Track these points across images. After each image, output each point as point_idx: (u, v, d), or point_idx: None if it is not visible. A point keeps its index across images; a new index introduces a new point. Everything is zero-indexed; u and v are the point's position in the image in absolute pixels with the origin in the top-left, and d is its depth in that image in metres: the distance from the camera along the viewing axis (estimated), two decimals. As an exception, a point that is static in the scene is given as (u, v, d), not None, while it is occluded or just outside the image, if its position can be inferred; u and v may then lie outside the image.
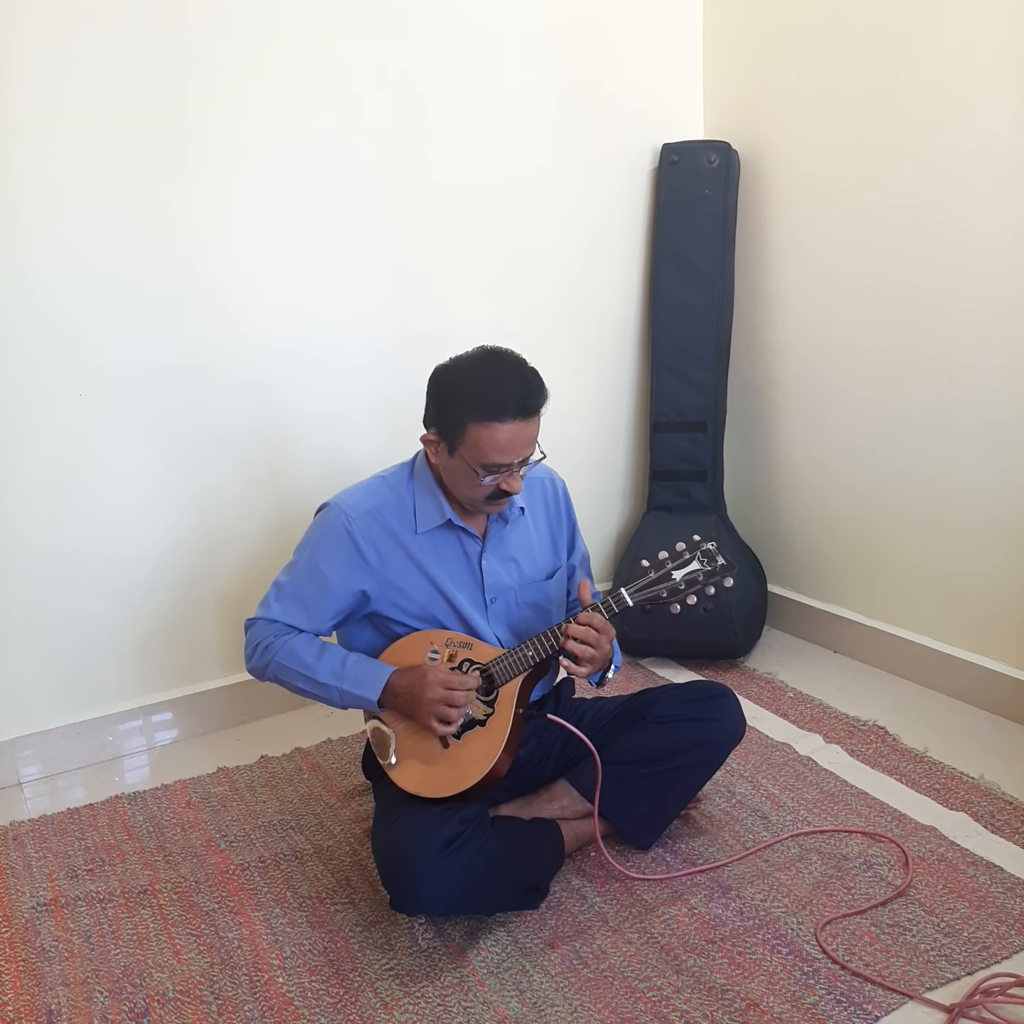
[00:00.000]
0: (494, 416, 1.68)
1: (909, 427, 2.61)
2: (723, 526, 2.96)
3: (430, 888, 1.67)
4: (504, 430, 1.69)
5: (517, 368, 1.75)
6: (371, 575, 1.83)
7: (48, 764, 2.45)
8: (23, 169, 2.20)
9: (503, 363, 1.75)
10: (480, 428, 1.69)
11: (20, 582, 2.37)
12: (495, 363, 1.75)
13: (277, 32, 2.40)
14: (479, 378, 1.72)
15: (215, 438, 2.52)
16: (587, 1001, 1.62)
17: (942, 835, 1.99)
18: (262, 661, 1.84)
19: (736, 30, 2.90)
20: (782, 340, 2.94)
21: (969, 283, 2.40)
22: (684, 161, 2.90)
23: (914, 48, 2.41)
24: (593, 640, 1.77)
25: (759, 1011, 1.57)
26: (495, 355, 1.76)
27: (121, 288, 2.34)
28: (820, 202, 2.74)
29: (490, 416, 1.69)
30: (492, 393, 1.69)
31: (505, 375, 1.73)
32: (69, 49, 2.19)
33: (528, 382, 1.73)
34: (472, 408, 1.70)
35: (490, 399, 1.69)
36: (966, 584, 2.55)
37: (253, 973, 1.73)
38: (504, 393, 1.69)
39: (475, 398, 1.70)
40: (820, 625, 2.96)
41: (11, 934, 1.86)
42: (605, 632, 1.79)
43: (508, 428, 1.69)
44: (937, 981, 1.62)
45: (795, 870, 1.91)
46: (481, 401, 1.69)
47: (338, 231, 2.57)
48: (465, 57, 2.65)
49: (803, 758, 2.31)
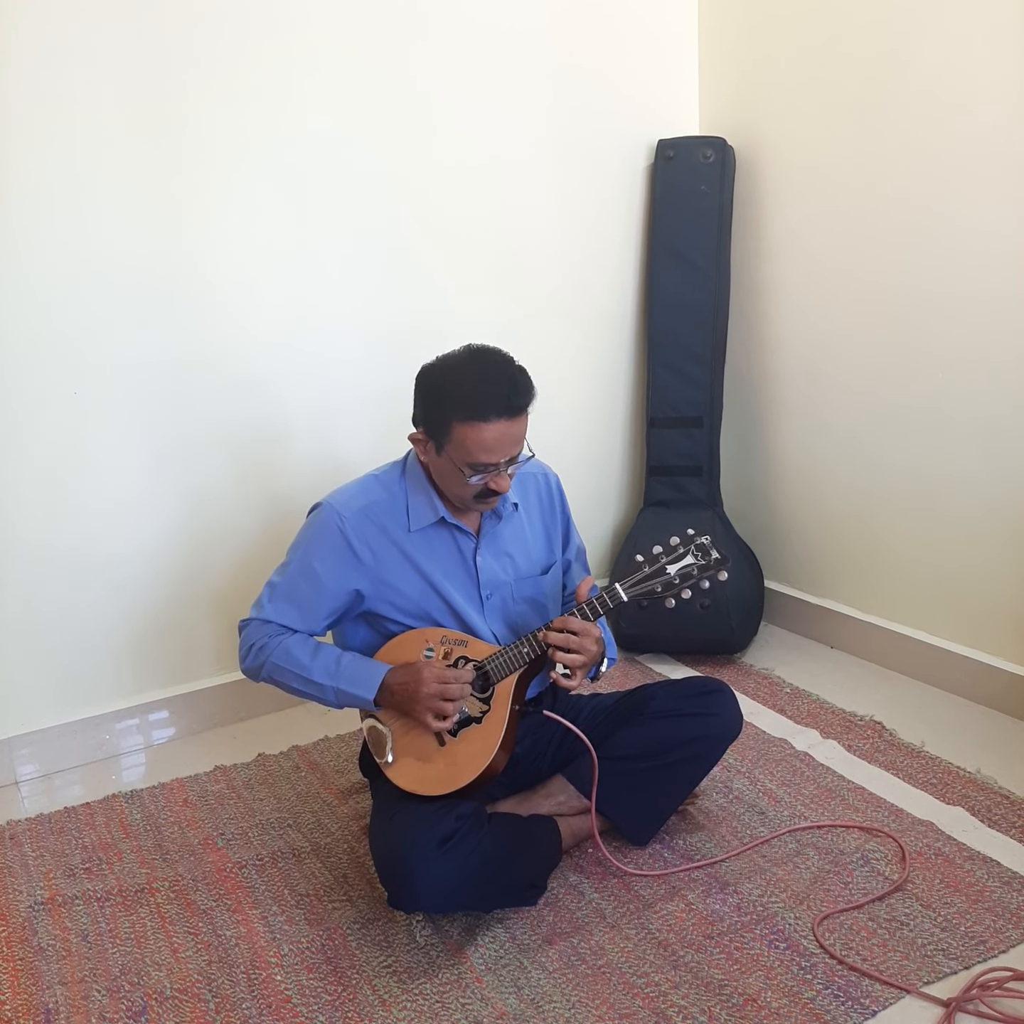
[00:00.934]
0: (480, 415, 1.68)
1: (905, 422, 2.61)
2: (719, 522, 2.96)
3: (427, 885, 1.67)
4: (490, 429, 1.69)
5: (503, 367, 1.74)
6: (365, 574, 1.83)
7: (45, 763, 2.45)
8: (21, 166, 2.19)
9: (489, 362, 1.74)
10: (466, 427, 1.69)
11: (16, 580, 2.36)
12: (481, 362, 1.74)
13: (275, 28, 2.39)
14: (465, 377, 1.72)
15: (210, 435, 2.51)
16: (585, 997, 1.62)
17: (939, 830, 1.99)
18: (256, 662, 1.84)
19: (732, 25, 2.90)
20: (778, 335, 2.94)
21: (967, 277, 2.40)
22: (680, 157, 2.90)
23: (912, 41, 2.40)
24: (576, 646, 1.75)
25: (757, 1006, 1.58)
26: (481, 354, 1.76)
27: (116, 285, 2.33)
28: (816, 197, 2.73)
29: (476, 416, 1.68)
30: (478, 392, 1.69)
31: (491, 374, 1.72)
32: (67, 47, 2.18)
33: (514, 381, 1.71)
34: (458, 407, 1.69)
35: (475, 398, 1.68)
36: (962, 579, 2.55)
37: (251, 971, 1.73)
38: (490, 392, 1.68)
39: (460, 397, 1.69)
40: (817, 621, 2.96)
41: (8, 933, 1.86)
42: (586, 633, 1.77)
43: (494, 427, 1.69)
44: (934, 975, 1.62)
45: (792, 865, 1.91)
46: (466, 400, 1.68)
47: (333, 228, 2.56)
48: (461, 51, 2.64)
49: (800, 753, 2.32)
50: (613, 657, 1.96)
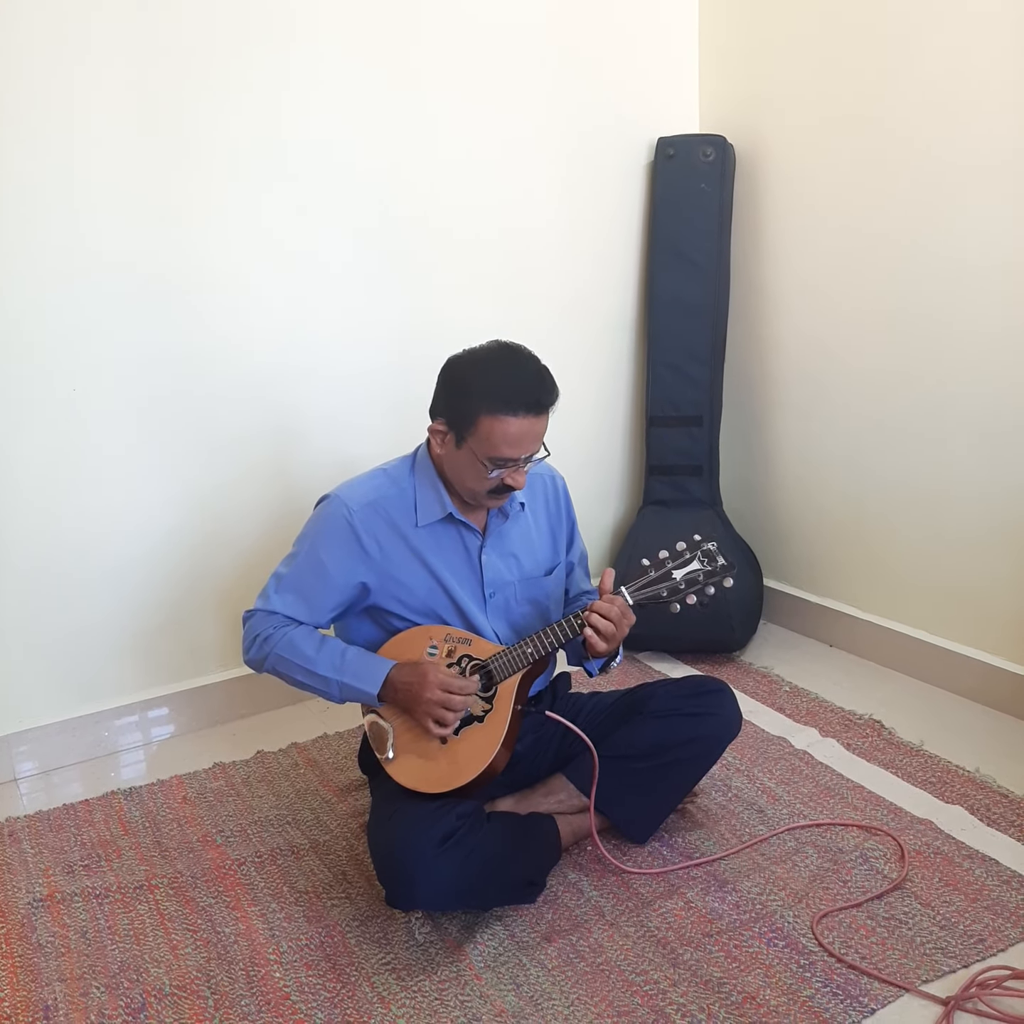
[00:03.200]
0: (508, 409, 1.69)
1: (903, 420, 2.61)
2: (719, 521, 2.96)
3: (426, 883, 1.67)
4: (516, 424, 1.69)
5: (532, 363, 1.75)
6: (372, 567, 1.83)
7: (44, 760, 2.44)
8: (17, 166, 2.18)
9: (519, 358, 1.75)
10: (492, 420, 1.69)
11: (16, 577, 2.36)
12: (511, 357, 1.75)
13: (272, 26, 2.38)
14: (494, 370, 1.73)
15: (212, 434, 2.51)
16: (584, 995, 1.62)
17: (938, 828, 1.99)
18: (260, 653, 1.83)
19: (732, 23, 2.90)
20: (778, 335, 2.94)
21: (967, 279, 2.40)
22: (680, 155, 2.89)
23: (913, 43, 2.40)
24: (615, 616, 1.76)
25: (755, 1004, 1.58)
26: (511, 349, 1.77)
27: (117, 286, 2.33)
28: (816, 196, 2.73)
29: (504, 409, 1.69)
30: (507, 386, 1.70)
31: (521, 369, 1.73)
32: (64, 47, 2.17)
33: (543, 378, 1.73)
34: (486, 400, 1.69)
35: (505, 392, 1.69)
36: (961, 578, 2.55)
37: (250, 968, 1.73)
38: (519, 387, 1.70)
39: (489, 390, 1.70)
40: (816, 619, 2.96)
41: (7, 930, 1.86)
42: (626, 615, 1.79)
43: (520, 422, 1.70)
44: (933, 974, 1.62)
45: (791, 863, 1.92)
46: (496, 393, 1.69)
47: (334, 228, 2.56)
48: (461, 49, 2.64)
49: (799, 752, 2.32)
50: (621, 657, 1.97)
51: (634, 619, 1.83)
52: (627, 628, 1.80)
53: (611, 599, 1.78)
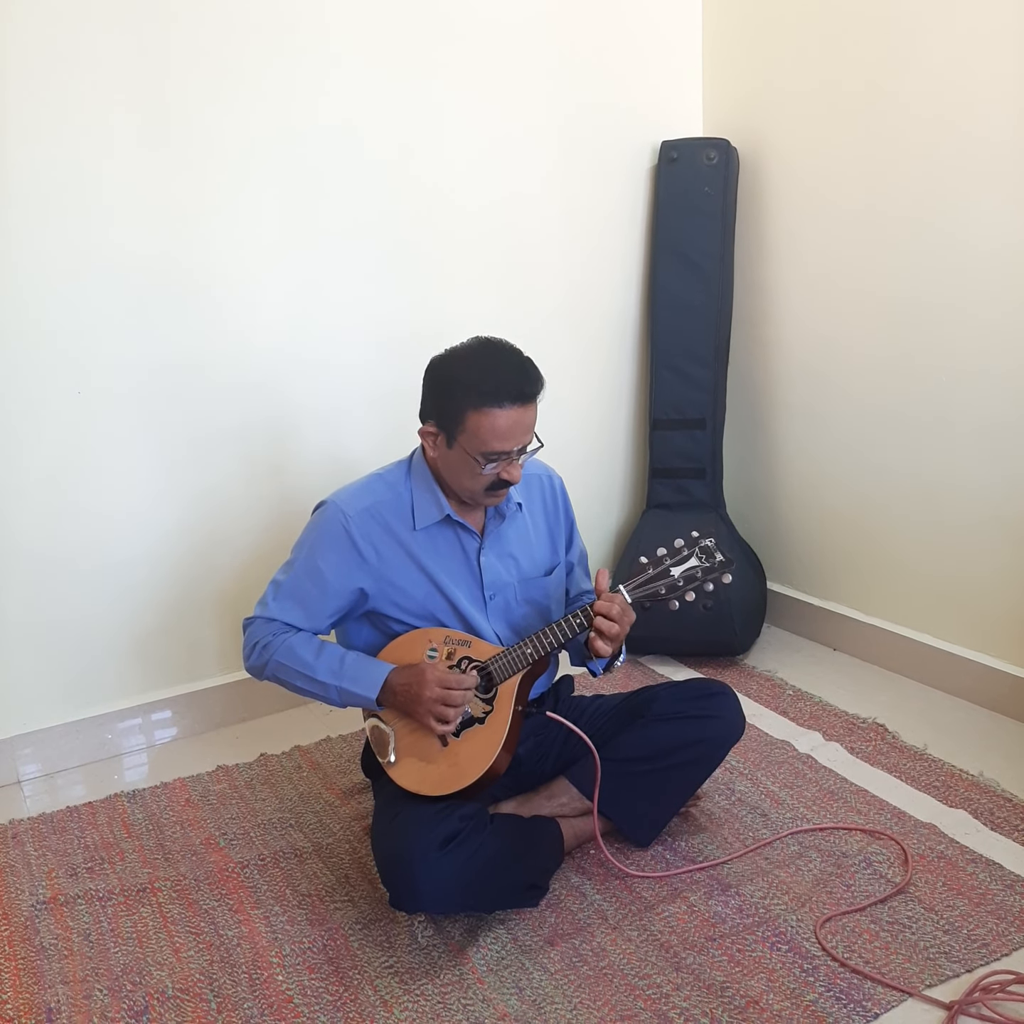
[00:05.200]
0: (493, 402, 1.69)
1: (907, 424, 2.61)
2: (722, 523, 2.96)
3: (429, 886, 1.67)
4: (503, 416, 1.70)
5: (514, 355, 1.76)
6: (369, 573, 1.83)
7: (47, 762, 2.45)
8: (27, 167, 2.19)
9: (500, 351, 1.76)
10: (480, 415, 1.70)
11: (19, 580, 2.37)
12: (492, 351, 1.76)
13: (277, 29, 2.39)
14: (476, 366, 1.73)
15: (214, 435, 2.51)
16: (587, 998, 1.62)
17: (942, 832, 1.99)
18: (260, 660, 1.84)
19: (736, 27, 2.90)
20: (781, 337, 2.94)
21: (969, 280, 2.39)
22: (683, 158, 2.89)
23: (916, 43, 2.40)
24: (616, 615, 1.76)
25: (759, 1008, 1.57)
26: (491, 344, 1.78)
27: (120, 286, 2.34)
28: (819, 199, 2.73)
29: (489, 402, 1.69)
30: (490, 380, 1.70)
31: (502, 362, 1.74)
32: (73, 47, 2.18)
33: (525, 368, 1.74)
34: (471, 396, 1.70)
35: (488, 386, 1.70)
36: (965, 581, 2.55)
37: (252, 971, 1.73)
38: (502, 379, 1.70)
39: (473, 386, 1.70)
40: (819, 622, 2.96)
41: (10, 932, 1.86)
42: (626, 613, 1.79)
43: (507, 414, 1.70)
44: (937, 978, 1.62)
45: (795, 867, 1.91)
46: (480, 388, 1.70)
47: (337, 228, 2.56)
48: (466, 50, 2.64)
49: (803, 755, 2.31)
50: (625, 657, 1.97)
51: (634, 617, 1.83)
52: (628, 626, 1.81)
53: (611, 598, 1.78)
